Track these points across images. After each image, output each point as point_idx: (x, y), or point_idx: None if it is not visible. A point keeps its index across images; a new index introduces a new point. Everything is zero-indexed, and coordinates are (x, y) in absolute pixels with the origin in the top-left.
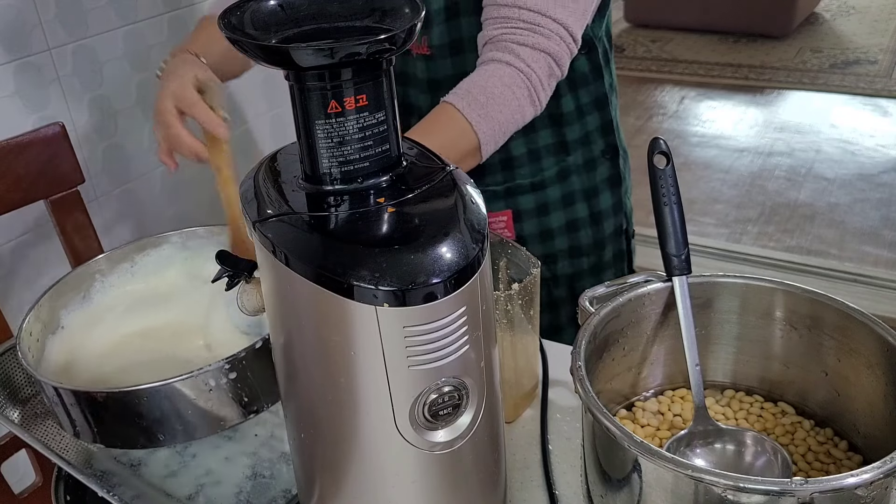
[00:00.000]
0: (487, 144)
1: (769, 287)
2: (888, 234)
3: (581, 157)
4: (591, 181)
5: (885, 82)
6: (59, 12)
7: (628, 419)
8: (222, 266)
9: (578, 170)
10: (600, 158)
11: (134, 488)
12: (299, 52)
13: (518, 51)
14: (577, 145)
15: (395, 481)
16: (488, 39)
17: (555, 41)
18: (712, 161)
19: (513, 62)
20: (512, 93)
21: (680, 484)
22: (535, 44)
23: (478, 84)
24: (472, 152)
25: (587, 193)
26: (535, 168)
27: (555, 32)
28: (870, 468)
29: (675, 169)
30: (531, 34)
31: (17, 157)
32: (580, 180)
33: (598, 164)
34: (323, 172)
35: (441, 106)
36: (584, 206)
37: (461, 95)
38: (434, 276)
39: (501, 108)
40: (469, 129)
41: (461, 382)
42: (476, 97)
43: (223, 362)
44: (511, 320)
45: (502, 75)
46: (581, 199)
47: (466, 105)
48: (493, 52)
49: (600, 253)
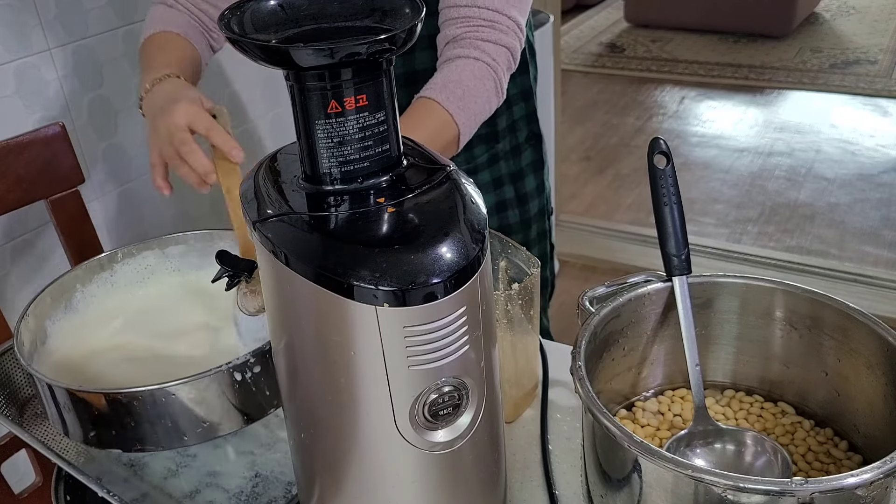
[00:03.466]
0: (465, 134)
1: (769, 287)
2: (888, 234)
3: (508, 144)
4: (518, 165)
5: (885, 82)
6: (59, 12)
7: (628, 419)
8: (222, 266)
9: (506, 155)
10: (524, 145)
11: (134, 488)
12: (299, 52)
13: (483, 46)
14: (506, 133)
15: (395, 481)
16: (451, 38)
17: (511, 36)
18: (712, 161)
19: (480, 57)
20: (483, 85)
21: (680, 484)
22: (497, 39)
23: (452, 78)
24: (452, 142)
25: (514, 177)
26: (469, 155)
27: (510, 28)
28: (870, 468)
29: (675, 169)
30: (492, 31)
31: (17, 157)
32: (507, 165)
33: (523, 150)
34: (323, 172)
35: (419, 100)
36: (511, 189)
37: (438, 89)
38: (434, 276)
39: (476, 99)
40: (450, 120)
41: (461, 382)
42: (453, 90)
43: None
44: (511, 320)
45: (473, 69)
46: (508, 182)
47: (445, 98)
48: (459, 49)
49: (527, 231)
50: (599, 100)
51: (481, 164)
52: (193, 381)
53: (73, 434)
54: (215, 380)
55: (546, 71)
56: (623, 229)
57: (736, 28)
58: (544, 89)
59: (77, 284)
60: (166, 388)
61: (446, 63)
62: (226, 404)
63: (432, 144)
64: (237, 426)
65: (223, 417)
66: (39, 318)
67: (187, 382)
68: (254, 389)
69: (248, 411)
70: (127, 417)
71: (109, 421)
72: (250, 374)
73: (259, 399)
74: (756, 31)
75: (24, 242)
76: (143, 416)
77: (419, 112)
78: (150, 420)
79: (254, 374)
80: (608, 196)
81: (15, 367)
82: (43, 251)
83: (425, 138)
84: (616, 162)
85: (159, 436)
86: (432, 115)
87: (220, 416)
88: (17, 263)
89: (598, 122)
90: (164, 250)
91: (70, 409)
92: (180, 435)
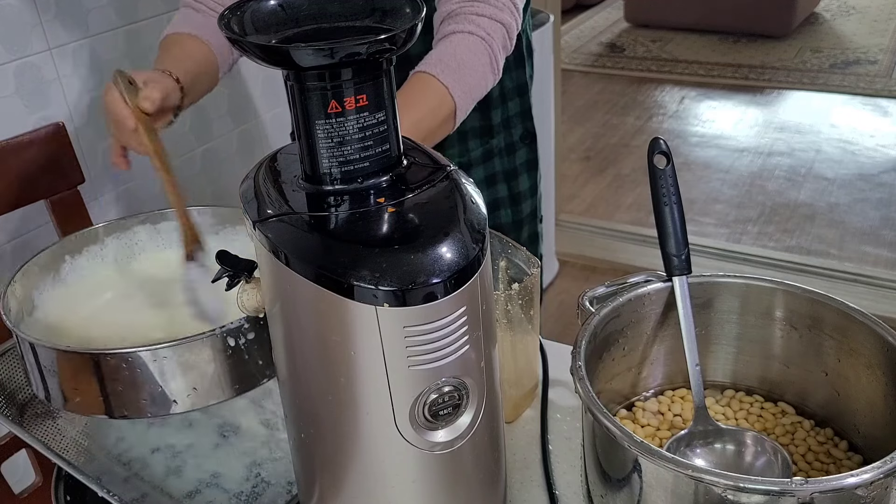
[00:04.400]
0: (461, 110)
1: (769, 287)
2: (888, 234)
3: (503, 141)
4: (512, 164)
5: (885, 82)
6: (59, 12)
7: (628, 419)
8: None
9: (500, 152)
10: (519, 143)
11: (134, 488)
12: (299, 52)
13: (478, 21)
14: (500, 128)
15: (395, 481)
16: (447, 14)
17: (507, 13)
18: (712, 161)
19: (475, 31)
20: (478, 59)
21: (680, 484)
22: (492, 14)
23: (447, 52)
24: (449, 118)
25: (507, 175)
26: (463, 149)
27: (505, 5)
28: (870, 468)
29: (675, 169)
30: (487, 6)
31: (17, 157)
32: (501, 162)
33: (518, 148)
34: (323, 172)
35: (415, 76)
36: (505, 187)
37: (433, 64)
38: (434, 276)
39: (472, 73)
40: (447, 94)
41: (461, 382)
42: (448, 63)
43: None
44: (511, 320)
45: (468, 44)
46: (502, 181)
47: (440, 72)
48: (454, 25)
49: (518, 233)
50: (599, 100)
51: (476, 158)
52: (185, 343)
53: (56, 399)
54: (207, 343)
55: (546, 71)
56: (623, 229)
57: (736, 28)
58: (544, 89)
59: (66, 256)
60: (157, 350)
61: (442, 39)
62: (217, 370)
63: (430, 121)
64: (228, 396)
65: (214, 384)
66: (27, 287)
67: (179, 345)
68: (246, 357)
69: (239, 380)
70: (114, 381)
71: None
72: (244, 341)
73: (251, 368)
74: (756, 31)
75: (24, 242)
76: (130, 379)
77: (415, 87)
78: (138, 384)
79: (247, 340)
80: (608, 196)
81: (15, 366)
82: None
83: (423, 115)
84: (616, 162)
85: (147, 402)
86: (428, 91)
87: (211, 382)
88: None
89: (598, 122)
90: (156, 226)
91: (55, 372)
92: (168, 402)
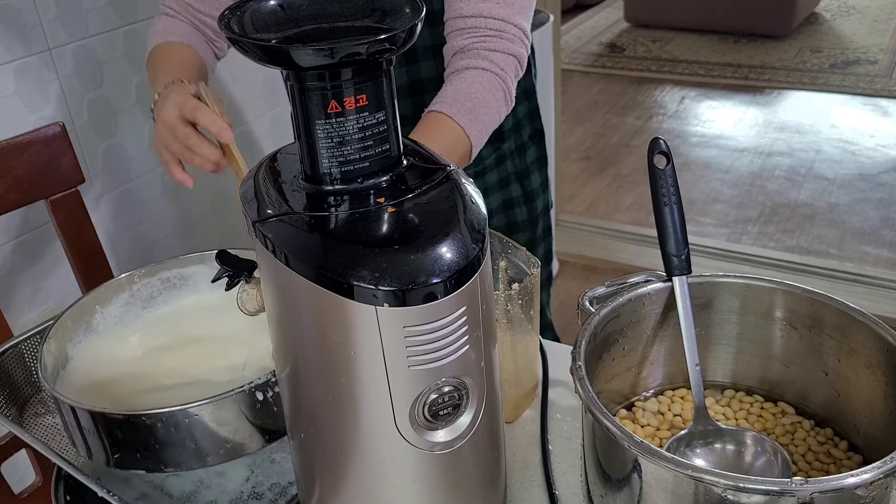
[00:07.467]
0: (476, 147)
1: (769, 287)
2: (888, 234)
3: (514, 143)
4: (523, 163)
5: (885, 82)
6: (59, 12)
7: (628, 419)
8: (222, 266)
9: (512, 154)
10: (529, 142)
11: (134, 488)
12: (299, 52)
13: (491, 56)
14: (511, 133)
15: (395, 481)
16: (459, 49)
17: (518, 44)
18: (712, 161)
19: (489, 67)
20: (492, 95)
21: (680, 484)
22: (504, 49)
23: (462, 91)
24: (465, 156)
25: (520, 175)
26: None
27: (517, 36)
28: (870, 468)
29: (675, 169)
30: (499, 40)
31: (17, 157)
32: (513, 164)
33: (528, 148)
34: (323, 172)
35: (430, 115)
36: (518, 187)
37: (449, 103)
38: (434, 276)
39: (486, 111)
40: (462, 134)
41: (461, 382)
42: (463, 103)
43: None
44: (511, 320)
45: (482, 80)
46: (515, 181)
47: (457, 112)
48: (468, 60)
49: (534, 229)
50: (599, 100)
51: (489, 165)
52: (216, 401)
53: (97, 457)
54: (237, 400)
55: (546, 71)
56: (623, 229)
57: (736, 28)
58: (544, 89)
59: (97, 306)
60: (188, 409)
61: (455, 74)
62: (248, 424)
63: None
64: (259, 446)
65: (245, 438)
66: (61, 341)
67: (210, 403)
68: (275, 409)
69: (270, 431)
70: (150, 439)
71: (133, 443)
72: (271, 394)
73: (280, 420)
74: (756, 31)
75: (24, 242)
76: (166, 437)
77: (431, 127)
78: (174, 442)
79: (275, 393)
80: (608, 196)
81: (15, 366)
82: (43, 251)
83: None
84: (616, 162)
85: (183, 457)
86: (444, 130)
87: (243, 436)
88: (17, 263)
89: (598, 122)
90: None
91: (93, 432)
92: (203, 456)
